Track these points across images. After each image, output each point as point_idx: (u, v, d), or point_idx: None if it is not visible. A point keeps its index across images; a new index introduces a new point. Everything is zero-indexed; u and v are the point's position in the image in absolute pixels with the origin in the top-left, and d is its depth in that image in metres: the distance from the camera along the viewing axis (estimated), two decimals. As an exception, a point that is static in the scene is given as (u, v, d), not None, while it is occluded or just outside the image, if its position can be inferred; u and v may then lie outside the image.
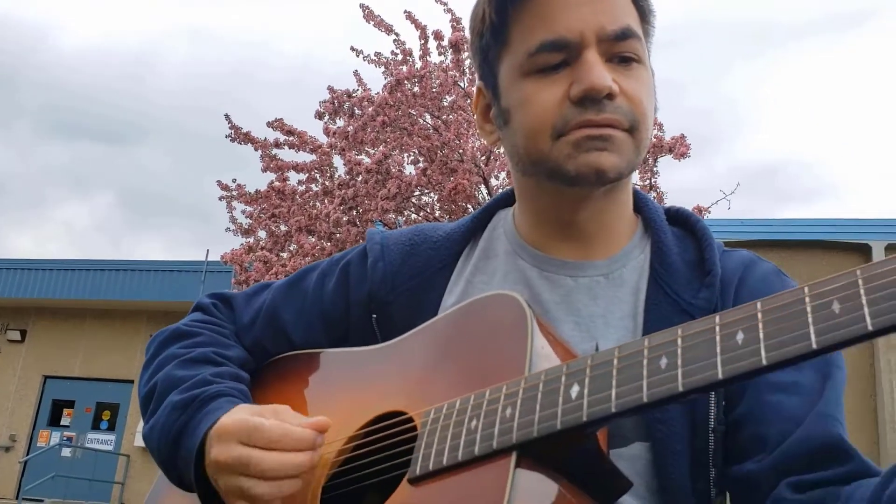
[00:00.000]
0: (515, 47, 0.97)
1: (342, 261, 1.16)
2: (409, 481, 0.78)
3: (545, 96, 0.94)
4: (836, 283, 0.60)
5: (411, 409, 0.86)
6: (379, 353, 1.00)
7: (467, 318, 0.90)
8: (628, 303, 0.98)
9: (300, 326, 1.14)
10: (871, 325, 0.57)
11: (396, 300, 1.08)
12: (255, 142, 7.55)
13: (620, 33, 0.94)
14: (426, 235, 1.13)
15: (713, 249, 0.99)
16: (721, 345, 0.63)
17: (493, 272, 1.06)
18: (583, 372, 0.71)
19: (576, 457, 0.74)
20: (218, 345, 1.13)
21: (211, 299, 1.23)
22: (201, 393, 0.99)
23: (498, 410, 0.74)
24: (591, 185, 0.95)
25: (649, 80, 0.98)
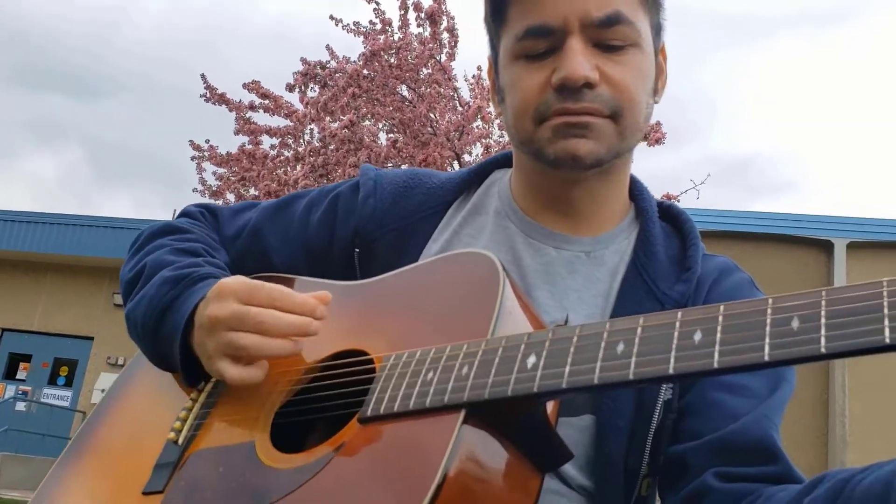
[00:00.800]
0: (510, 28, 0.99)
1: (332, 192, 1.16)
2: (358, 420, 0.80)
3: (530, 81, 0.96)
4: (799, 301, 0.62)
5: (373, 350, 0.87)
6: (353, 289, 1.01)
7: (443, 270, 0.92)
8: (604, 282, 1.00)
9: (282, 252, 1.14)
10: (825, 349, 0.58)
11: (382, 238, 1.08)
12: (230, 103, 7.46)
13: (606, 19, 0.93)
14: (421, 180, 1.14)
15: (697, 249, 1.02)
16: (678, 341, 0.65)
17: (480, 228, 1.07)
18: (542, 344, 0.72)
19: (522, 423, 0.76)
20: (208, 244, 1.12)
21: (198, 208, 1.22)
22: (193, 272, 0.99)
23: (455, 367, 0.75)
24: (569, 169, 0.97)
25: (640, 64, 0.97)
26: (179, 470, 0.92)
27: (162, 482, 0.92)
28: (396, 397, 0.77)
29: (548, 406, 0.78)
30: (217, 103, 7.52)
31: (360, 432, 0.79)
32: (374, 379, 0.82)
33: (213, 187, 7.74)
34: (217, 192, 7.69)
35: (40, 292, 15.03)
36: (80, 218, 14.55)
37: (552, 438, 0.78)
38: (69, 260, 14.46)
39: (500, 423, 0.74)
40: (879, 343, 0.58)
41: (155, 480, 0.93)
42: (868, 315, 0.59)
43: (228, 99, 7.48)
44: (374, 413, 0.78)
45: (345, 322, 0.96)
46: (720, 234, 11.22)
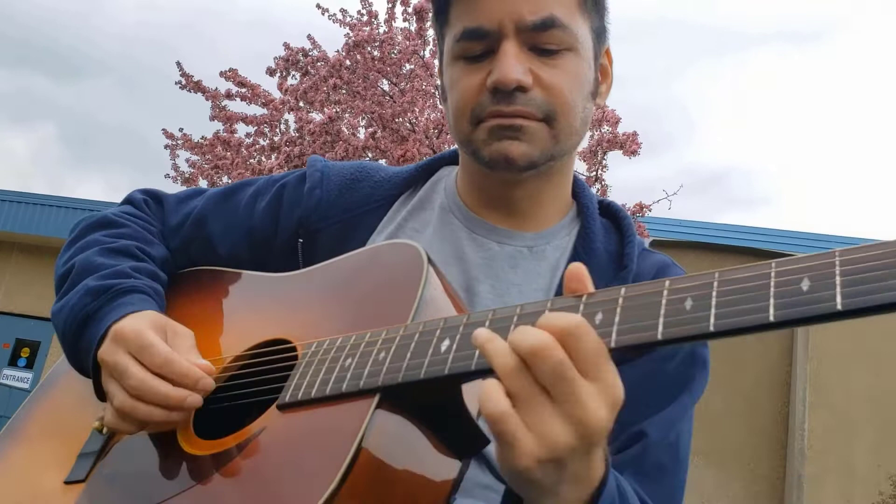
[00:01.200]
0: (451, 28, 1.01)
1: (279, 181, 1.16)
2: (277, 407, 0.82)
3: (467, 83, 0.98)
4: (694, 282, 0.65)
5: (298, 339, 0.89)
6: (285, 281, 1.02)
7: (371, 261, 0.93)
8: (545, 277, 1.02)
9: (226, 239, 1.14)
10: (714, 327, 0.61)
11: (326, 229, 1.09)
12: (206, 91, 7.39)
13: (540, 23, 0.95)
14: (368, 173, 1.14)
15: (633, 246, 1.04)
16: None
17: (425, 223, 1.08)
18: (456, 329, 0.74)
19: (438, 408, 0.77)
20: (142, 240, 1.12)
21: (143, 195, 1.22)
22: (117, 284, 0.99)
23: (373, 353, 0.77)
24: (503, 170, 0.99)
25: (575, 68, 0.99)
26: (103, 459, 0.93)
27: (84, 471, 0.92)
28: (314, 383, 0.79)
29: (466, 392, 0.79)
30: (193, 91, 7.44)
31: (278, 418, 0.81)
32: (295, 366, 0.84)
33: (186, 174, 7.67)
34: (189, 179, 7.62)
35: (4, 271, 14.79)
36: (50, 198, 14.33)
37: (467, 424, 0.79)
38: (37, 240, 14.23)
39: (416, 408, 0.76)
40: (764, 321, 0.60)
41: (77, 469, 0.93)
42: (755, 293, 0.62)
43: (204, 87, 7.41)
44: (291, 399, 0.80)
45: (274, 312, 0.97)
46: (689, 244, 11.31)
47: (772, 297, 0.60)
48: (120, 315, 0.94)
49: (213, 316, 1.07)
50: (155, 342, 0.88)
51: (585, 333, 0.63)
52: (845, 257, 0.60)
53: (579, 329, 0.63)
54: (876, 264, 0.59)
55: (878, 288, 0.57)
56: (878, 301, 0.57)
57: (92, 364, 0.94)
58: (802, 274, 0.61)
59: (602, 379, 0.63)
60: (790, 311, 0.60)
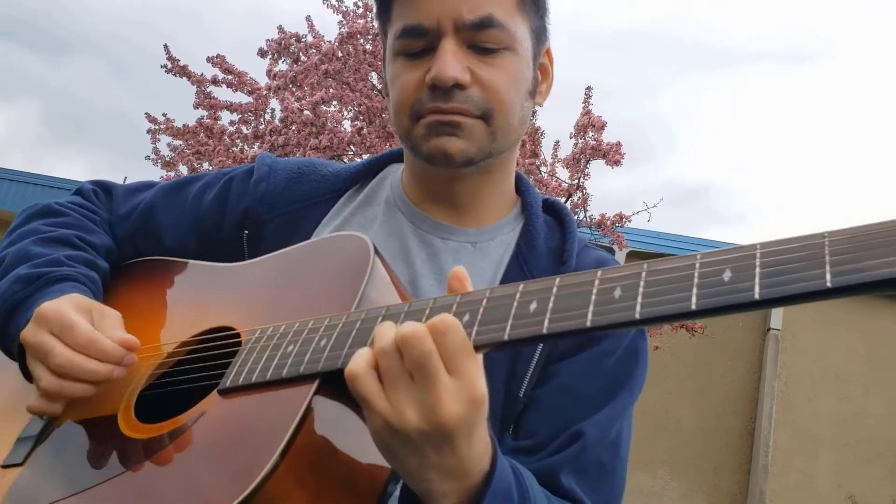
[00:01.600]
0: (393, 25, 1.03)
1: (228, 175, 1.18)
2: (217, 392, 0.83)
3: (407, 78, 1.00)
4: (624, 272, 0.68)
5: (243, 326, 0.90)
6: (231, 270, 1.04)
7: (319, 251, 0.95)
8: (488, 272, 1.04)
9: (174, 230, 1.15)
10: (639, 315, 0.64)
11: (271, 222, 1.10)
12: (192, 76, 7.32)
13: (479, 22, 0.97)
14: (315, 168, 1.16)
15: (574, 243, 1.06)
16: (516, 310, 0.70)
17: (371, 218, 1.10)
18: (398, 316, 0.76)
19: None
20: (83, 229, 1.12)
21: (93, 185, 1.23)
22: (49, 272, 0.99)
23: (315, 340, 0.79)
24: (441, 166, 1.01)
25: (513, 67, 1.01)
26: (43, 443, 0.93)
27: (22, 455, 0.92)
28: (256, 369, 0.80)
29: None
30: (178, 76, 7.37)
31: (219, 403, 0.82)
32: (238, 352, 0.85)
33: (167, 158, 7.60)
34: (170, 164, 7.54)
35: (-24, 247, 14.59)
36: (27, 175, 14.14)
37: None
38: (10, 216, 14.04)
39: None
40: (686, 309, 0.63)
41: (15, 453, 0.93)
42: (680, 284, 0.65)
43: (190, 72, 7.34)
44: (232, 384, 0.81)
45: (222, 301, 0.99)
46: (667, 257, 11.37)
47: (695, 286, 0.64)
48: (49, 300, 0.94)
49: (161, 303, 1.08)
50: (77, 321, 0.89)
51: (451, 330, 0.68)
52: (766, 250, 0.63)
53: (445, 325, 0.68)
54: (793, 256, 0.61)
55: (794, 279, 0.60)
56: (792, 291, 0.60)
57: (18, 349, 0.95)
58: (725, 265, 0.64)
59: (462, 375, 0.68)
60: (711, 301, 0.63)
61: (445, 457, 0.70)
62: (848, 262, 0.59)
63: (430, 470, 0.71)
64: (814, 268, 0.59)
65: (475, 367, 0.70)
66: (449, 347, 0.68)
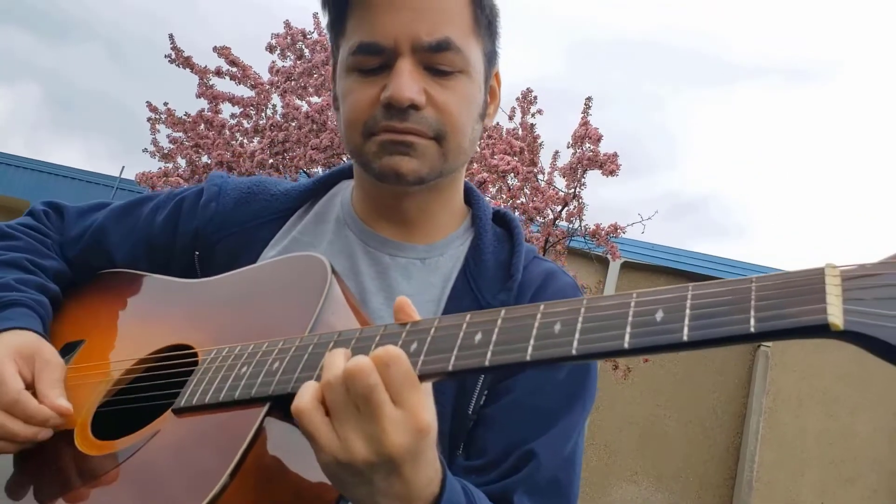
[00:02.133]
0: (347, 39, 1.03)
1: (179, 196, 1.19)
2: (172, 411, 0.84)
3: (361, 95, 1.00)
4: (564, 307, 0.70)
5: (198, 345, 0.91)
6: (190, 287, 1.05)
7: (276, 271, 0.97)
8: (437, 287, 1.05)
9: (124, 251, 1.17)
10: (576, 350, 0.67)
11: (221, 242, 1.12)
12: (195, 67, 7.33)
13: (436, 45, 0.98)
14: (265, 187, 1.17)
15: (520, 256, 1.07)
16: (462, 341, 0.72)
17: (321, 235, 1.11)
18: (348, 342, 0.78)
19: None
20: (35, 252, 1.15)
21: (44, 206, 1.25)
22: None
23: (267, 362, 0.81)
24: (392, 184, 1.01)
25: (466, 91, 1.02)
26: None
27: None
28: (210, 390, 0.82)
29: None
30: (182, 66, 7.37)
31: (173, 422, 0.83)
32: (193, 371, 0.87)
33: (165, 149, 7.59)
34: (168, 156, 7.54)
35: (-29, 229, 14.53)
36: (25, 160, 14.11)
37: None
38: (8, 202, 14.02)
39: None
40: (619, 347, 0.65)
41: None
42: (615, 321, 0.67)
43: (193, 63, 7.34)
44: (186, 404, 0.83)
45: (178, 318, 1.00)
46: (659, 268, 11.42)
47: (629, 325, 0.66)
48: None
49: (119, 317, 1.09)
50: (8, 379, 0.91)
51: (395, 362, 0.70)
52: (696, 292, 0.67)
53: (389, 357, 0.70)
54: (722, 300, 0.65)
55: (721, 322, 0.63)
56: (718, 334, 0.63)
57: None
58: (658, 306, 0.67)
59: (407, 406, 0.70)
60: (643, 340, 0.65)
61: (394, 484, 0.72)
62: (772, 308, 0.61)
63: (380, 496, 0.73)
64: (740, 312, 0.62)
65: (420, 398, 0.71)
66: (393, 379, 0.70)
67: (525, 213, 6.14)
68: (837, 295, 0.61)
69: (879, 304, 0.60)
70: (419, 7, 0.97)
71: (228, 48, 7.30)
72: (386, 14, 0.97)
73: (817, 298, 0.61)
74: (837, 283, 0.62)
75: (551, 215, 6.21)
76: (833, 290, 0.62)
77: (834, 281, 0.62)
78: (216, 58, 7.26)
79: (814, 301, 0.61)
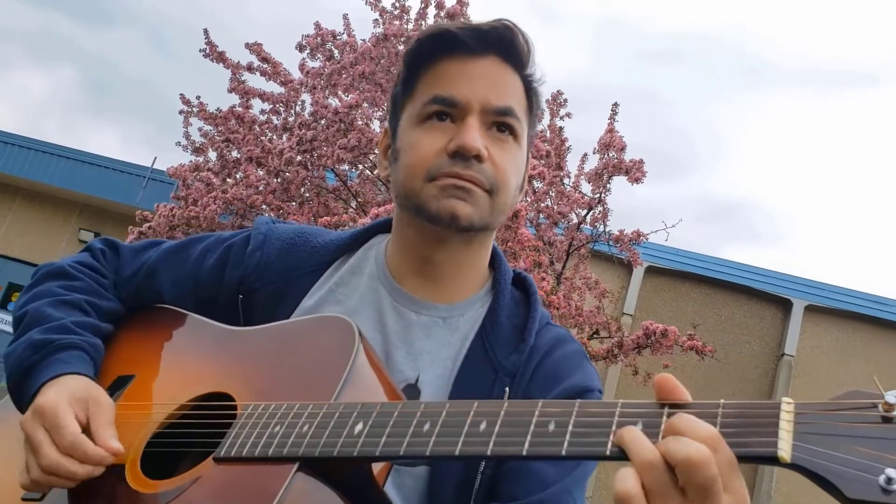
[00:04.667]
0: (417, 97, 1.14)
1: (227, 241, 1.28)
2: (213, 459, 0.94)
3: (428, 144, 1.10)
4: (559, 408, 0.77)
5: (238, 397, 1.01)
6: (232, 335, 1.15)
7: (309, 330, 1.06)
8: (455, 346, 1.13)
9: (174, 291, 1.27)
10: (565, 452, 0.73)
11: (263, 289, 1.20)
12: (228, 62, 7.43)
13: (503, 110, 1.10)
14: (306, 239, 1.26)
15: (535, 321, 1.16)
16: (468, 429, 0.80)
17: (354, 288, 1.19)
18: (369, 415, 0.86)
19: (348, 477, 0.90)
20: (93, 293, 1.25)
21: (101, 245, 1.35)
22: (57, 339, 1.12)
23: (298, 424, 0.89)
24: (446, 225, 1.09)
25: (517, 157, 1.14)
26: None
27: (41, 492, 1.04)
28: (246, 444, 0.91)
29: (374, 465, 0.92)
30: (215, 61, 7.48)
31: (214, 469, 0.93)
32: (232, 424, 0.96)
33: (197, 143, 7.71)
34: (200, 149, 7.66)
35: (6, 215, 14.81)
36: (59, 148, 14.34)
37: (375, 492, 0.93)
38: (41, 188, 14.28)
39: (329, 476, 0.89)
40: (602, 454, 0.72)
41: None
42: (601, 429, 0.73)
43: (227, 58, 7.44)
44: (226, 455, 0.92)
45: (219, 365, 1.11)
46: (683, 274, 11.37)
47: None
48: (51, 375, 1.07)
49: (165, 358, 1.20)
50: (66, 423, 1.00)
51: (721, 446, 0.68)
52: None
53: (717, 441, 0.68)
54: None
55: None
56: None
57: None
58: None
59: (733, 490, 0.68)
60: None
61: None
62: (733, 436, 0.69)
63: None
64: None
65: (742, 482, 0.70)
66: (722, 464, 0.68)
67: (550, 218, 6.16)
68: (789, 431, 0.68)
69: (824, 443, 0.66)
70: (492, 78, 1.11)
71: (260, 44, 7.38)
72: (461, 79, 1.11)
73: (770, 432, 0.68)
74: (790, 420, 0.69)
75: (576, 219, 6.23)
76: (785, 425, 0.69)
77: (787, 416, 0.69)
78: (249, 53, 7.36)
79: (767, 434, 0.68)
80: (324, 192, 6.86)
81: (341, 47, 6.93)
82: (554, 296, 5.26)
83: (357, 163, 6.70)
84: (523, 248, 5.05)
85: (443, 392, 1.09)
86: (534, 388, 1.09)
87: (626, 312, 10.93)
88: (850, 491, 0.63)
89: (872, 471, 0.63)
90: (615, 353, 5.79)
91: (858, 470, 0.64)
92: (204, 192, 6.72)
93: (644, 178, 5.70)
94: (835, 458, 0.65)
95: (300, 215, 6.39)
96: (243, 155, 6.74)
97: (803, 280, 11.65)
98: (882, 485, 0.62)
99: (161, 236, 6.45)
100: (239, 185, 6.66)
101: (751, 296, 11.48)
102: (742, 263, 11.80)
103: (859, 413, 0.68)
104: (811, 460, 0.66)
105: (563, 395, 1.08)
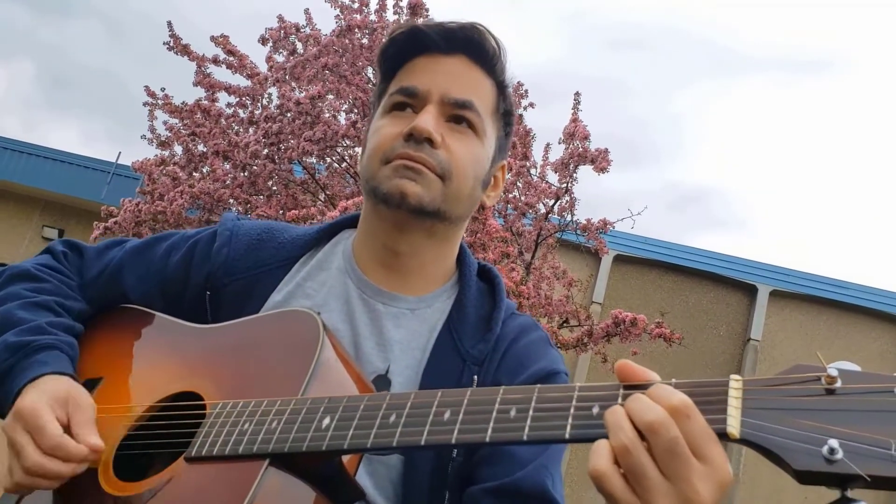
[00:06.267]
0: (391, 88, 1.19)
1: (193, 238, 1.29)
2: (184, 458, 0.95)
3: (388, 130, 1.14)
4: (520, 394, 0.79)
5: (207, 396, 1.02)
6: (199, 333, 1.16)
7: (274, 325, 1.07)
8: (424, 336, 1.15)
9: (139, 290, 1.27)
10: (527, 436, 0.75)
11: (231, 285, 1.21)
12: (192, 55, 7.34)
13: (461, 102, 1.14)
14: (273, 235, 1.27)
15: (500, 311, 1.19)
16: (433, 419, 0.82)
17: (322, 282, 1.21)
18: (336, 409, 0.88)
19: (319, 469, 0.91)
20: (61, 295, 1.25)
21: (63, 247, 1.34)
22: (33, 341, 1.11)
23: (267, 421, 0.91)
24: (396, 205, 1.11)
25: (476, 150, 1.17)
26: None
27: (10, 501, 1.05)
28: (217, 442, 0.93)
29: (345, 457, 0.94)
30: (179, 54, 7.39)
31: (186, 469, 0.94)
32: (202, 423, 0.97)
33: (162, 137, 7.62)
34: (165, 143, 7.57)
35: (-34, 212, 14.51)
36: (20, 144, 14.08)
37: (346, 480, 0.94)
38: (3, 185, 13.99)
39: (300, 469, 0.90)
40: (561, 437, 0.74)
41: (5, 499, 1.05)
42: (559, 413, 0.75)
43: (191, 51, 7.36)
44: (197, 454, 0.94)
45: (187, 364, 1.12)
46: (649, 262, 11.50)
47: (570, 417, 0.75)
48: (33, 375, 1.07)
49: (133, 359, 1.20)
50: (47, 424, 1.00)
51: (693, 413, 0.69)
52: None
53: (688, 408, 0.69)
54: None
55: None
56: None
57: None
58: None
59: (710, 460, 0.69)
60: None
61: None
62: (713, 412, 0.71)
63: None
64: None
65: (721, 449, 0.69)
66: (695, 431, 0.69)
67: (517, 208, 6.20)
68: (737, 407, 0.70)
69: (771, 417, 0.69)
70: (456, 74, 1.16)
71: (227, 37, 7.31)
72: (426, 72, 1.16)
73: (719, 409, 0.70)
74: (738, 396, 0.71)
75: (543, 209, 6.27)
76: (734, 401, 0.71)
77: (736, 393, 0.71)
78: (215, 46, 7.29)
79: (716, 411, 0.70)
80: (292, 185, 6.82)
81: (304, 40, 6.88)
82: (524, 286, 5.30)
83: (324, 155, 6.68)
84: (492, 239, 5.08)
85: (413, 382, 1.10)
86: (501, 376, 1.11)
87: (595, 301, 11.03)
88: (796, 463, 0.66)
89: (816, 442, 0.66)
90: (585, 341, 5.86)
91: (803, 442, 0.66)
92: (170, 186, 6.65)
93: (610, 168, 5.76)
94: (781, 431, 0.67)
95: (268, 209, 6.35)
96: (210, 149, 6.68)
97: (768, 266, 11.85)
98: (825, 455, 0.65)
99: (127, 232, 6.38)
100: (206, 180, 6.60)
101: (717, 282, 11.65)
102: (708, 251, 11.97)
103: (804, 387, 0.70)
104: (759, 435, 0.68)
105: (529, 380, 1.10)
